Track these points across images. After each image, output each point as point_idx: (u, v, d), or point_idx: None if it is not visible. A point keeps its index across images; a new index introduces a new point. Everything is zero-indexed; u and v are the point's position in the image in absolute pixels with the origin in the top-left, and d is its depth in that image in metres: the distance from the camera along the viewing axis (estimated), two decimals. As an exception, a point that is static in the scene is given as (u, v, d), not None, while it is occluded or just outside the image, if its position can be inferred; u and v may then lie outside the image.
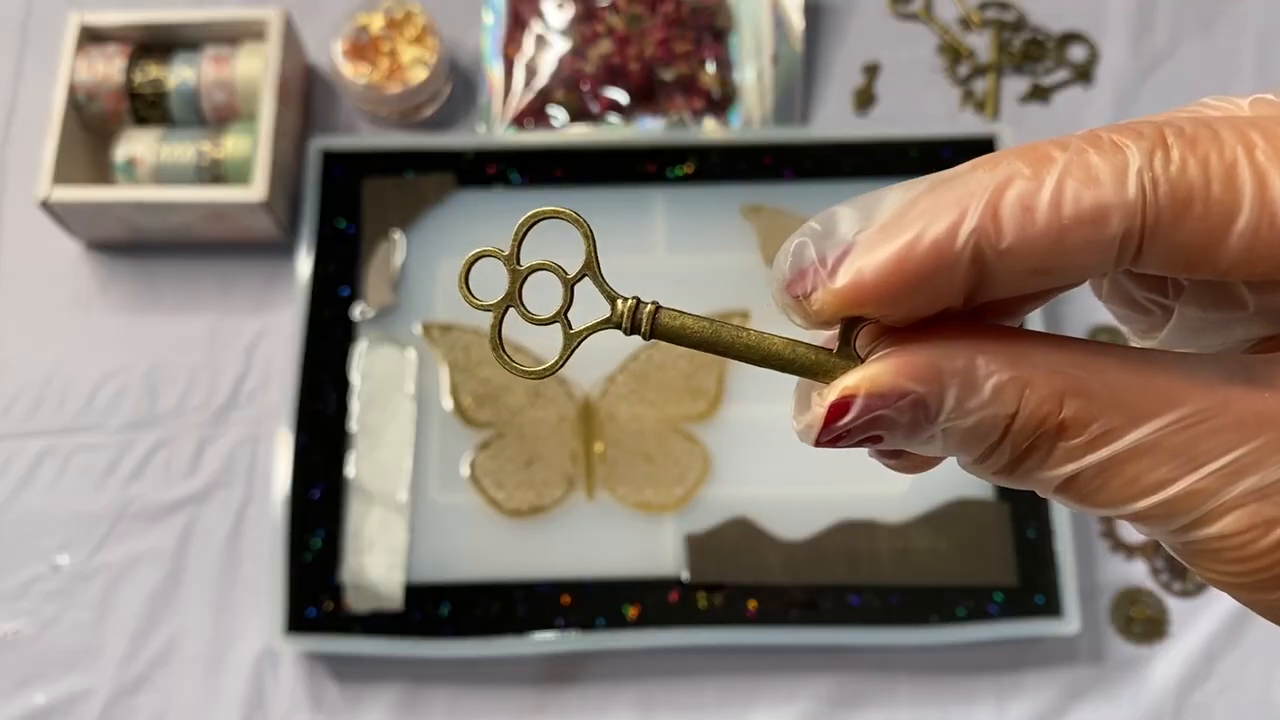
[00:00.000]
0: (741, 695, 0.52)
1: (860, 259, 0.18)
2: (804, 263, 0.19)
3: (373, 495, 0.54)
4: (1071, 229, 0.17)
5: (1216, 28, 0.66)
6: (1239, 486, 0.18)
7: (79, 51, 0.59)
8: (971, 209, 0.17)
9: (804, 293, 0.19)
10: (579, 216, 0.23)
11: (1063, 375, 0.18)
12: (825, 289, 0.19)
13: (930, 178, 0.18)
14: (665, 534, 0.53)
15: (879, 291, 0.18)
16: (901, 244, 0.18)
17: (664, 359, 0.56)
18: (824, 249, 0.19)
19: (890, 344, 0.19)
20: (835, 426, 0.19)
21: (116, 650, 0.53)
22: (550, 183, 0.60)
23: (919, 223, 0.17)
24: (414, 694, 0.53)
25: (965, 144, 0.60)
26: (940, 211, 0.17)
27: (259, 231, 0.59)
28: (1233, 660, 0.53)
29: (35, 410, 0.58)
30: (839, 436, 0.20)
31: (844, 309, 0.19)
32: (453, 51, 0.65)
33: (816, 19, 0.66)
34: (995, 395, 0.18)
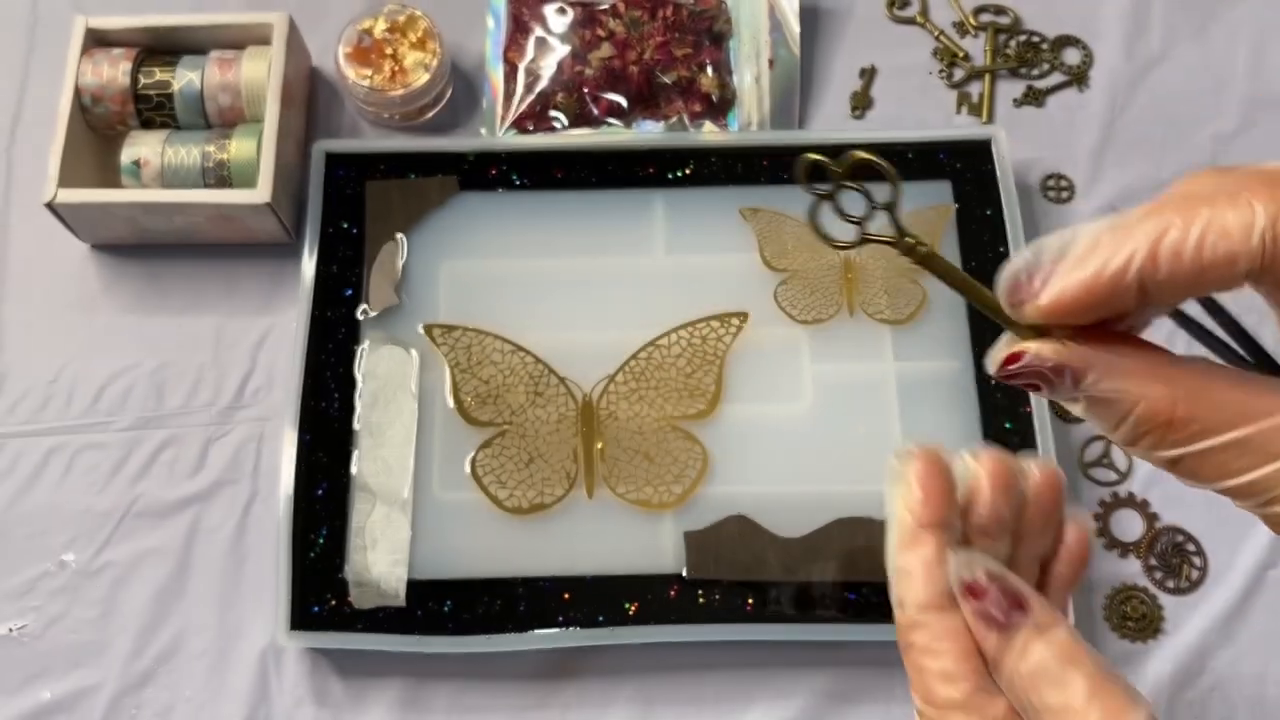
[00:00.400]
0: (740, 690, 0.53)
1: (1059, 283, 0.26)
2: (1018, 281, 0.28)
3: (376, 493, 0.54)
4: (1209, 269, 0.24)
5: (1210, 31, 0.66)
6: None
7: (85, 55, 0.60)
8: (1139, 252, 0.25)
9: (1018, 302, 0.28)
10: (892, 167, 0.31)
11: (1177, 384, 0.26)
12: (1033, 303, 0.27)
13: (1110, 221, 0.26)
14: (665, 531, 0.54)
15: (1071, 307, 0.26)
16: (1088, 274, 0.26)
17: (663, 359, 0.56)
18: (1033, 273, 0.27)
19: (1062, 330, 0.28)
20: (1008, 369, 0.29)
21: (122, 647, 0.54)
22: (551, 185, 0.61)
23: (1101, 259, 0.26)
24: (417, 689, 0.53)
25: (961, 146, 0.61)
26: (1116, 251, 0.25)
27: (263, 233, 0.60)
28: (1226, 657, 0.54)
29: (42, 409, 0.58)
30: (1009, 376, 0.29)
31: (1044, 318, 0.27)
32: (455, 55, 0.66)
33: (814, 23, 0.67)
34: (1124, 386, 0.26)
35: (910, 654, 0.30)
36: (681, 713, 0.53)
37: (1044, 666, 0.28)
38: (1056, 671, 0.28)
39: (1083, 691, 0.27)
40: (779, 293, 0.58)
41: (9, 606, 0.55)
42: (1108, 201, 0.62)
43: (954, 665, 0.29)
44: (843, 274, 0.59)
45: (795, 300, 0.58)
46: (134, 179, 0.59)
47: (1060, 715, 0.27)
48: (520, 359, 0.56)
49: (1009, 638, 0.28)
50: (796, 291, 0.58)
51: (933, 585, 0.30)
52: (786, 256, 0.59)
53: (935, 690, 0.29)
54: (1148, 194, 0.62)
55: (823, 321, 0.58)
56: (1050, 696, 0.27)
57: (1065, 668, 0.28)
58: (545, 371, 0.56)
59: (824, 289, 0.58)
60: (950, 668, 0.29)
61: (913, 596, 0.30)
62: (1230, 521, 0.56)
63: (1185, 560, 0.55)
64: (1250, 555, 0.55)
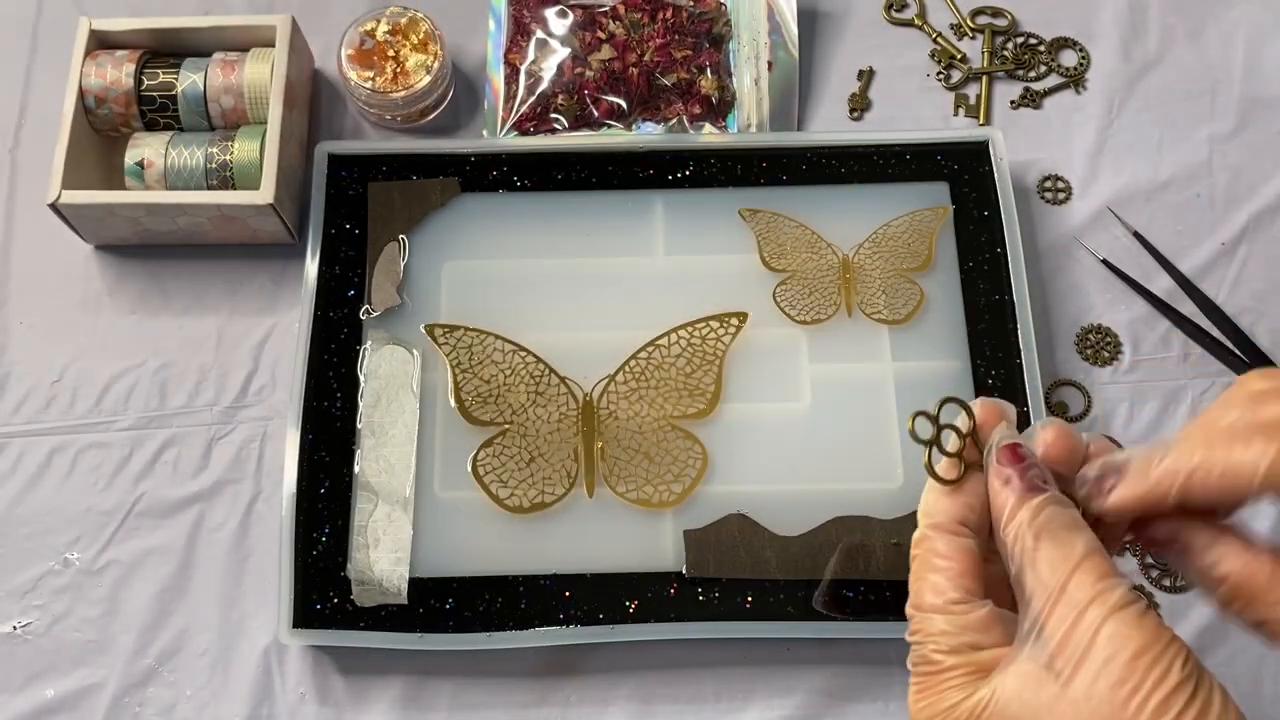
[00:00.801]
0: (739, 688, 0.53)
1: (1121, 493, 0.34)
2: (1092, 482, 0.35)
3: (378, 492, 0.55)
4: (1226, 497, 0.33)
5: (1207, 33, 0.67)
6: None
7: (89, 57, 0.60)
8: (1178, 481, 0.33)
9: (1088, 496, 0.35)
10: (969, 406, 0.37)
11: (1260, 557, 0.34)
12: (1097, 501, 0.35)
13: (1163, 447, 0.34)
14: (664, 530, 0.54)
15: (1127, 509, 0.34)
16: (1143, 489, 0.34)
17: (663, 359, 0.57)
18: (1103, 479, 0.35)
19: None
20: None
21: (125, 645, 0.54)
22: (552, 186, 0.61)
23: (1150, 480, 0.34)
24: (418, 686, 0.53)
25: (958, 148, 0.61)
26: (1163, 477, 0.33)
27: (266, 234, 0.60)
28: (1222, 655, 0.54)
29: (45, 409, 0.59)
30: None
31: (1105, 513, 0.35)
32: (456, 57, 0.66)
33: (812, 25, 0.68)
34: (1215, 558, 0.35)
35: (914, 563, 0.35)
36: (681, 710, 0.53)
37: (1052, 525, 0.33)
38: (1062, 531, 0.33)
39: (1080, 550, 0.32)
40: (778, 293, 0.59)
41: (12, 605, 0.55)
42: (1104, 203, 0.63)
43: (945, 581, 0.34)
44: (841, 275, 0.59)
45: (794, 300, 0.58)
46: (138, 180, 0.59)
47: (1054, 565, 0.32)
48: (521, 359, 0.57)
49: (1028, 498, 0.34)
50: (795, 292, 0.59)
51: (952, 511, 0.35)
52: (785, 257, 0.59)
53: (924, 596, 0.34)
54: (1144, 196, 0.63)
55: (821, 322, 0.58)
56: (1050, 549, 0.32)
57: (1070, 530, 0.33)
58: (546, 371, 0.56)
59: (822, 289, 0.59)
60: (942, 582, 0.34)
61: (933, 513, 0.35)
62: (1226, 520, 0.56)
63: (1181, 558, 0.56)
64: (1246, 554, 0.55)
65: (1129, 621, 0.30)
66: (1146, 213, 0.62)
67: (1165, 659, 0.30)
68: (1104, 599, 0.31)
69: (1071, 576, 0.31)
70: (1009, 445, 0.35)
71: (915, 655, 0.34)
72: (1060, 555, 0.32)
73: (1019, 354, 0.57)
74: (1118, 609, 0.30)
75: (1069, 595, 0.31)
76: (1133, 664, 0.29)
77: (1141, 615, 0.30)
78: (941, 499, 0.35)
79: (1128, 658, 0.29)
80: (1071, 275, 0.61)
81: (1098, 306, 0.61)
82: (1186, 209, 0.63)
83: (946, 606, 0.34)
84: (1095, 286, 0.61)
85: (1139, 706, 0.29)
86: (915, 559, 0.35)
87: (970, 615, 0.33)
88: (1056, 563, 0.32)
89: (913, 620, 0.35)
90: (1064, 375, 0.59)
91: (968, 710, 0.32)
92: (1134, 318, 0.60)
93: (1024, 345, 0.57)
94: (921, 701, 0.33)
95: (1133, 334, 0.60)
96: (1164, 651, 0.30)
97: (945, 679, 0.33)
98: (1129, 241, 0.62)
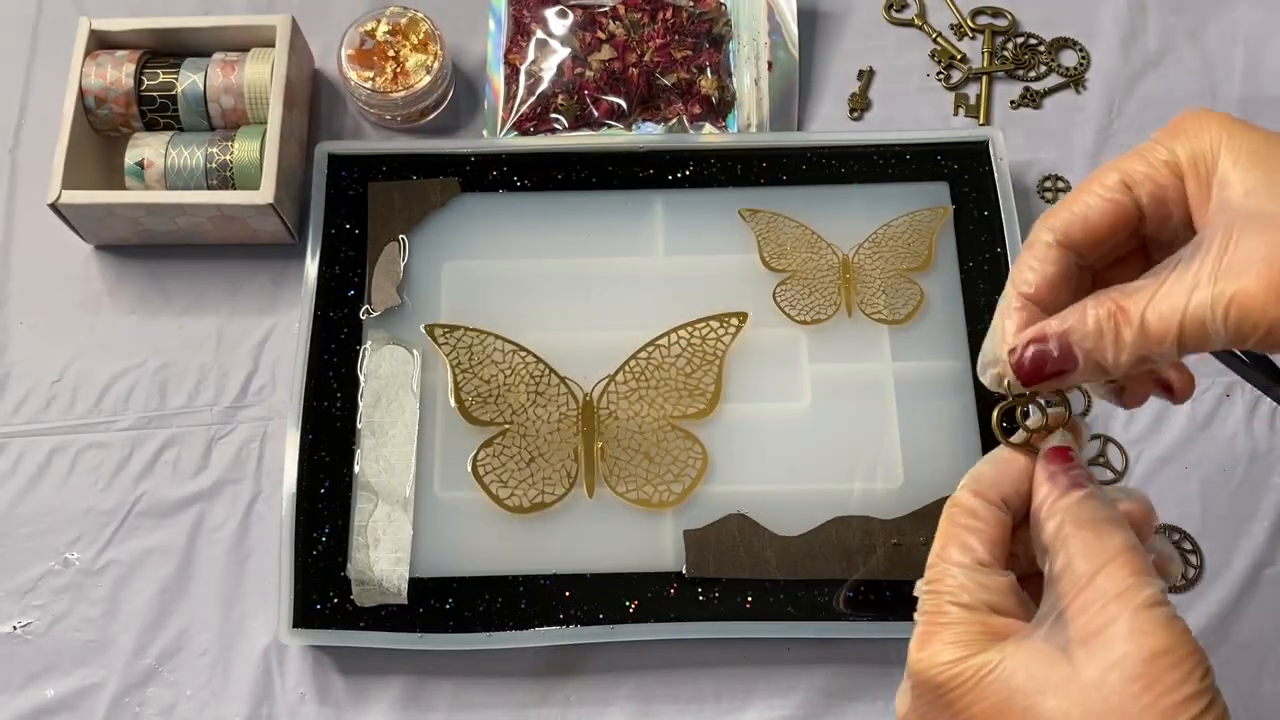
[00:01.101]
0: (739, 687, 0.53)
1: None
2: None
3: (378, 492, 0.55)
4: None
5: (1207, 33, 0.67)
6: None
7: (89, 57, 0.60)
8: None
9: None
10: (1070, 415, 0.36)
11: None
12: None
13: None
14: (664, 530, 0.54)
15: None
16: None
17: (663, 359, 0.57)
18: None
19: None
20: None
21: (125, 645, 0.54)
22: (552, 186, 0.61)
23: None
24: (419, 686, 0.53)
25: (958, 148, 0.61)
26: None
27: (266, 234, 0.60)
28: (1221, 655, 0.54)
29: (45, 409, 0.59)
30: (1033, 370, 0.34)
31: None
32: (456, 57, 0.66)
33: (812, 25, 0.68)
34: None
35: (945, 521, 0.34)
36: (681, 710, 0.53)
37: (1093, 517, 0.32)
38: (1104, 524, 0.32)
39: (1118, 544, 0.31)
40: (778, 293, 0.59)
41: (13, 605, 0.55)
42: (1104, 202, 0.63)
43: (977, 541, 0.33)
44: (841, 275, 0.59)
45: (794, 300, 0.58)
46: (138, 180, 0.59)
47: (1088, 555, 0.31)
48: (521, 359, 0.57)
49: (1072, 492, 0.33)
50: (795, 292, 0.59)
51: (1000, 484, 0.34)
52: (785, 257, 0.59)
53: (951, 551, 0.33)
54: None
55: (821, 321, 0.58)
56: (1087, 539, 0.31)
57: (1111, 524, 0.32)
58: (546, 371, 0.56)
59: (822, 289, 0.59)
60: (973, 541, 0.33)
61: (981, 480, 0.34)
62: (1227, 519, 0.56)
63: (1181, 558, 0.56)
64: (1246, 554, 0.55)
65: (1156, 620, 0.29)
66: (1146, 213, 0.62)
67: (1185, 666, 0.29)
68: (1133, 594, 0.30)
69: (1104, 567, 0.30)
70: (1059, 447, 0.34)
71: (928, 604, 0.33)
72: (1096, 546, 0.31)
73: (1019, 354, 0.57)
74: (1146, 607, 0.29)
75: (1098, 585, 0.30)
76: (1151, 663, 0.28)
77: (1170, 619, 0.29)
78: (992, 471, 0.35)
79: (1147, 656, 0.29)
80: (1071, 275, 0.61)
81: (1098, 306, 0.61)
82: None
83: (973, 564, 0.33)
84: (1095, 286, 0.61)
85: (1148, 706, 0.28)
86: (948, 516, 0.34)
87: (993, 578, 0.33)
88: (1091, 553, 0.31)
89: (931, 570, 0.34)
90: (1064, 375, 0.59)
91: (971, 669, 0.31)
92: (1134, 318, 0.60)
93: (1024, 345, 0.57)
94: (924, 650, 0.32)
95: (1133, 334, 0.60)
96: (1185, 659, 0.29)
97: (955, 631, 0.32)
98: (1129, 241, 0.62)
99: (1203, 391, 0.59)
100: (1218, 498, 0.57)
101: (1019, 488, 0.34)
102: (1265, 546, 0.55)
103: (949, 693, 0.31)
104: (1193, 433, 0.58)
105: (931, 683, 0.32)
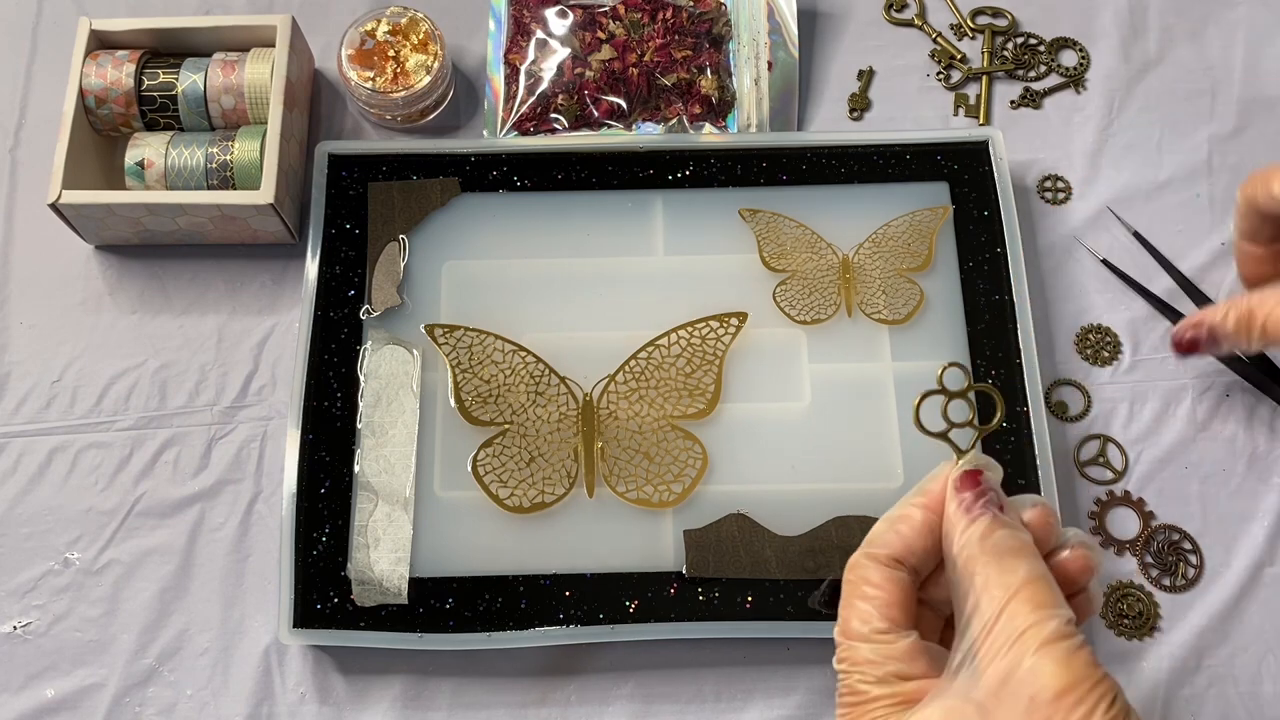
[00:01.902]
0: (739, 687, 0.53)
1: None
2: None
3: (378, 492, 0.55)
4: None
5: (1207, 33, 0.67)
6: None
7: (89, 57, 0.60)
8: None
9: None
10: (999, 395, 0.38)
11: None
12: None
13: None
14: (664, 530, 0.54)
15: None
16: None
17: (663, 359, 0.57)
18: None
19: None
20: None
21: (126, 644, 0.54)
22: (552, 186, 0.61)
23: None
24: (419, 685, 0.54)
25: (958, 148, 0.61)
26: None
27: (266, 234, 0.60)
28: (1222, 655, 0.54)
29: (45, 409, 0.59)
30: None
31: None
32: (456, 57, 0.66)
33: (812, 25, 0.68)
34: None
35: (845, 589, 0.35)
36: (681, 710, 0.53)
37: (999, 548, 0.32)
38: (1008, 556, 0.32)
39: (1022, 576, 0.31)
40: (778, 293, 0.59)
41: (13, 605, 0.55)
42: (1104, 203, 0.63)
43: (873, 610, 0.34)
44: (841, 275, 0.59)
45: (794, 300, 0.58)
46: (138, 180, 0.59)
47: (993, 592, 0.31)
48: (521, 359, 0.57)
49: (977, 519, 0.33)
50: (795, 292, 0.59)
51: (892, 544, 0.35)
52: (785, 257, 0.59)
53: (851, 624, 0.34)
54: (1144, 196, 0.63)
55: (821, 322, 0.58)
56: (993, 574, 0.32)
57: (1016, 556, 0.32)
58: (546, 371, 0.56)
59: (822, 289, 0.59)
60: (869, 611, 0.34)
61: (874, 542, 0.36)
62: (1227, 519, 0.56)
63: (1181, 558, 0.56)
64: (1246, 553, 0.55)
65: (1057, 658, 0.30)
66: (1146, 213, 0.62)
67: (1089, 700, 0.29)
68: (1037, 630, 0.30)
69: (1008, 604, 0.31)
70: (968, 472, 0.35)
71: (842, 686, 0.34)
72: (1001, 581, 0.32)
73: (1019, 354, 0.57)
74: (1049, 643, 0.30)
75: (1003, 625, 0.31)
76: (1055, 704, 0.29)
77: (1073, 652, 0.30)
78: (885, 529, 0.36)
79: (1050, 697, 0.29)
80: (1071, 275, 0.61)
81: (1098, 306, 0.61)
82: (1186, 209, 0.63)
83: (872, 635, 0.34)
84: (1095, 286, 0.61)
85: None
86: (847, 584, 0.35)
87: (896, 645, 0.33)
88: (995, 589, 0.31)
89: (840, 648, 0.35)
90: (1064, 375, 0.59)
91: None
92: (1134, 318, 0.60)
93: (1024, 345, 0.57)
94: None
95: (1133, 334, 0.60)
96: (1089, 693, 0.29)
97: (871, 709, 0.33)
98: (1129, 241, 0.62)
99: (1203, 391, 0.59)
100: (1218, 498, 0.57)
101: (919, 540, 0.35)
102: (1265, 546, 0.55)
103: None
104: (1193, 433, 0.58)
105: None
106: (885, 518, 0.36)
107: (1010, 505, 0.35)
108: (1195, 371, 0.59)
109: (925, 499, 0.36)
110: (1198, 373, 0.59)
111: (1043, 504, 0.36)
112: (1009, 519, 0.34)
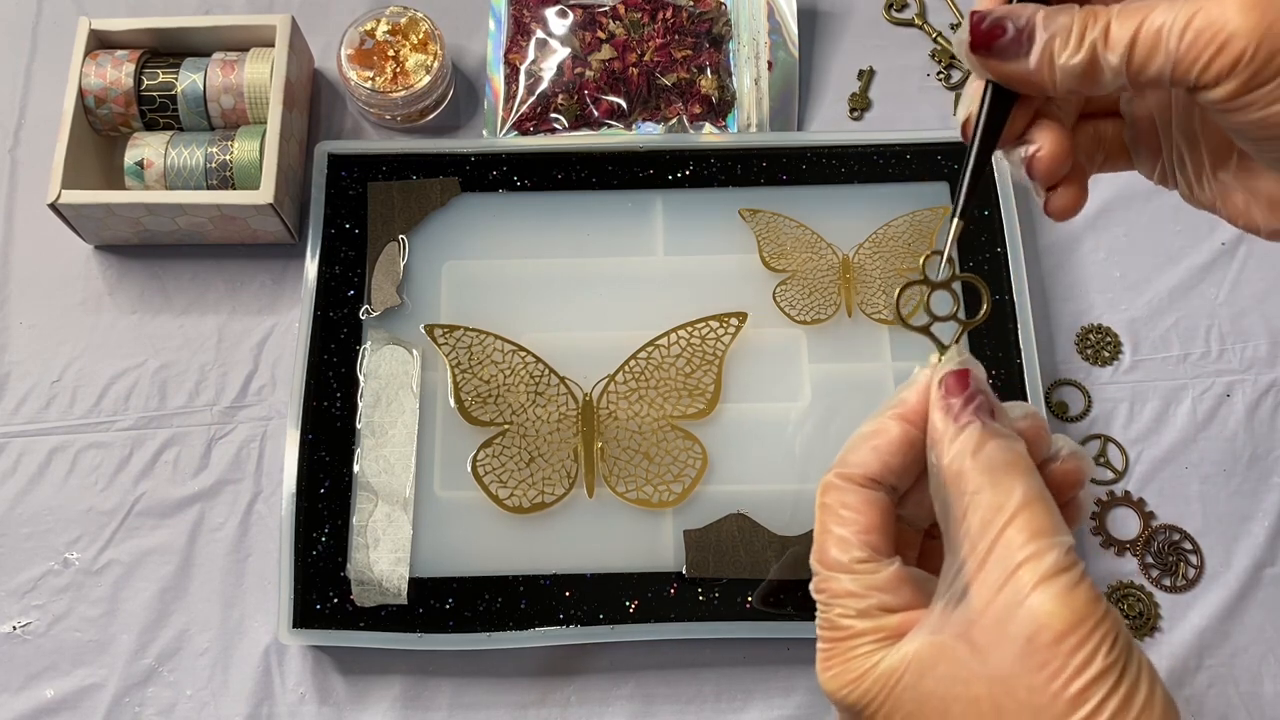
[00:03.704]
0: (739, 687, 0.53)
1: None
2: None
3: (378, 492, 0.55)
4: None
5: (1206, 34, 0.67)
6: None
7: (89, 57, 0.60)
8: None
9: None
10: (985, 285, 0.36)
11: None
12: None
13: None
14: (664, 530, 0.54)
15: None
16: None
17: (663, 359, 0.57)
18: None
19: None
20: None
21: (125, 645, 0.54)
22: (552, 186, 0.61)
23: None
24: (419, 686, 0.54)
25: (959, 148, 0.61)
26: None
27: (266, 234, 0.60)
28: (1222, 655, 0.54)
29: (46, 408, 0.59)
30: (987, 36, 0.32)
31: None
32: (456, 57, 0.66)
33: (812, 25, 0.68)
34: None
35: (819, 513, 0.32)
36: (681, 710, 0.53)
37: (992, 463, 0.29)
38: (1001, 473, 0.28)
39: (1018, 498, 0.28)
40: (778, 293, 0.59)
41: (13, 605, 0.55)
42: (1104, 201, 0.63)
43: (852, 535, 0.31)
44: (841, 274, 0.59)
45: (794, 300, 0.58)
46: (137, 180, 0.59)
47: (986, 517, 0.28)
48: (521, 359, 0.57)
49: (966, 428, 0.29)
50: (795, 292, 0.59)
51: (870, 463, 0.31)
52: (785, 257, 0.59)
53: (829, 552, 0.31)
54: (1144, 193, 0.63)
55: (821, 321, 0.58)
56: (985, 494, 0.28)
57: (1010, 473, 0.28)
58: (545, 371, 0.56)
59: (822, 289, 0.59)
60: (847, 537, 0.31)
61: (847, 461, 0.32)
62: (1227, 520, 0.56)
63: (1182, 558, 0.56)
64: (1246, 554, 0.55)
65: (1057, 595, 0.27)
66: (1146, 213, 0.62)
67: (1091, 643, 0.27)
68: (1035, 563, 0.27)
69: (1004, 532, 0.28)
70: (956, 372, 0.31)
71: (821, 619, 0.31)
72: (995, 503, 0.28)
73: (1019, 354, 0.57)
74: (1048, 578, 0.27)
75: (998, 556, 0.28)
76: (1054, 647, 0.27)
77: (1072, 587, 0.27)
78: (860, 446, 0.32)
79: (1049, 639, 0.27)
80: (1071, 275, 0.61)
81: (1098, 306, 0.61)
82: (1186, 209, 0.62)
83: (852, 565, 0.30)
84: (1095, 286, 0.61)
85: (1055, 694, 0.26)
86: (820, 508, 0.32)
87: (879, 574, 0.30)
88: (989, 512, 0.28)
89: (817, 577, 0.32)
90: (1064, 375, 0.59)
91: (879, 685, 0.29)
92: (1134, 318, 0.60)
93: (1024, 345, 0.57)
94: (830, 670, 0.31)
95: (1133, 334, 0.60)
96: (1090, 634, 0.27)
97: (854, 645, 0.30)
98: (1129, 241, 0.62)
99: (1203, 391, 0.59)
100: (1218, 498, 0.57)
101: (896, 457, 0.31)
102: (1265, 546, 0.55)
103: (864, 711, 0.30)
104: (1193, 433, 0.58)
105: (844, 704, 0.30)
106: (858, 434, 0.32)
107: (1002, 410, 0.31)
108: (1195, 372, 0.59)
109: (902, 410, 0.32)
110: (1197, 373, 0.59)
111: (1034, 412, 0.32)
112: (1002, 427, 0.30)
